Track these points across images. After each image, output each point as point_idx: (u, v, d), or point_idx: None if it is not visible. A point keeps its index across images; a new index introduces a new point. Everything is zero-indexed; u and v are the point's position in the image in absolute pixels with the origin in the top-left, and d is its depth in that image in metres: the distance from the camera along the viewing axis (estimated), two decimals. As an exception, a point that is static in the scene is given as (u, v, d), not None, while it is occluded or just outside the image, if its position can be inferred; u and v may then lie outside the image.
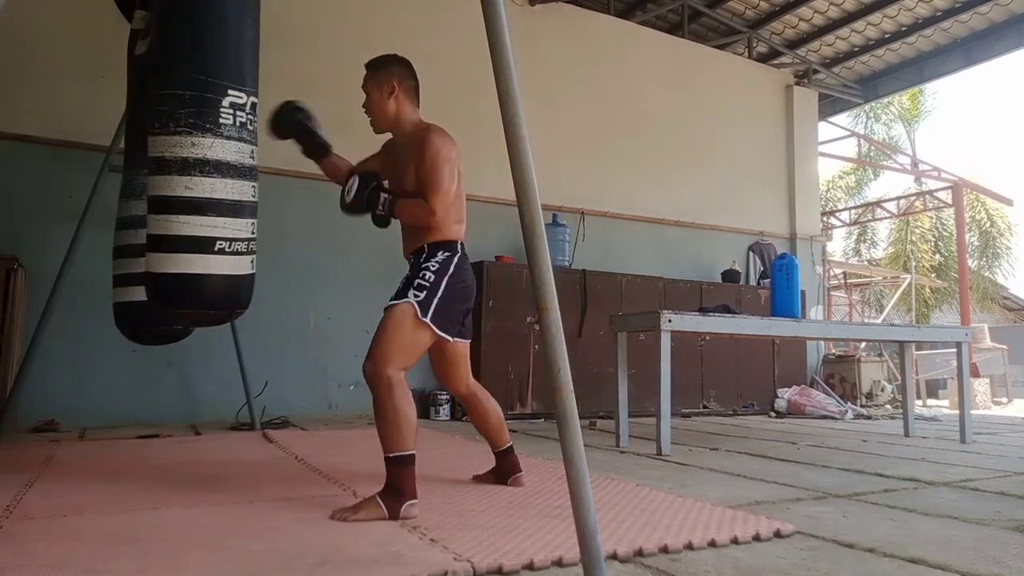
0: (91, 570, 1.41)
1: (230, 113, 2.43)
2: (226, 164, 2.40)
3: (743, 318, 3.70)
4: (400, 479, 1.95)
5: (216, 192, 2.39)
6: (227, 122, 2.42)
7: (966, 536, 1.82)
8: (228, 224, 2.40)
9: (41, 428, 3.93)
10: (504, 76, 1.34)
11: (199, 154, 2.38)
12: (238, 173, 2.43)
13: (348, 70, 5.39)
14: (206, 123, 2.39)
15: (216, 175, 2.39)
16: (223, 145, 2.40)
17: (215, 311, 2.49)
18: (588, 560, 1.26)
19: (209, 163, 2.38)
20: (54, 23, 4.44)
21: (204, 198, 2.38)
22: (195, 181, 2.38)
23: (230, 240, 2.40)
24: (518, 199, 1.34)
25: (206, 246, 2.37)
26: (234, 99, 2.45)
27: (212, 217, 2.37)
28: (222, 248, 2.38)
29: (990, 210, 15.84)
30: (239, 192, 2.44)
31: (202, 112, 2.39)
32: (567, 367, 1.31)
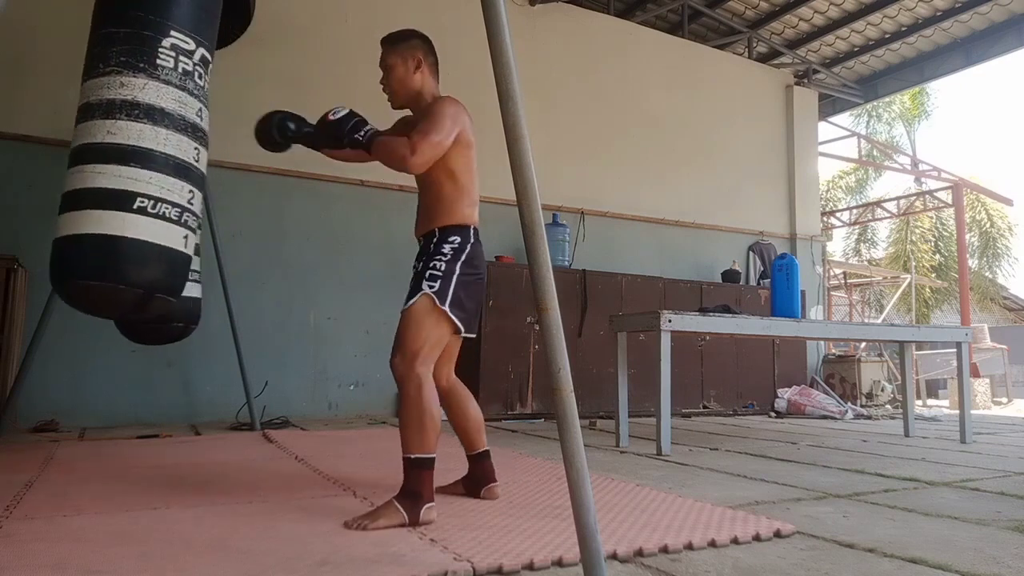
0: (91, 570, 1.41)
1: (170, 56, 2.06)
2: (160, 111, 2.01)
3: (743, 318, 3.70)
4: (420, 483, 1.89)
5: (144, 140, 1.98)
6: (166, 64, 2.05)
7: (966, 536, 1.82)
8: (155, 180, 1.97)
9: (41, 428, 3.93)
10: (504, 76, 1.34)
11: (127, 95, 2.00)
12: (176, 125, 2.05)
13: (348, 70, 5.43)
14: (139, 62, 2.02)
15: (146, 120, 2.00)
16: (158, 89, 2.02)
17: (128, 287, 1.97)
18: (588, 560, 1.26)
19: (139, 106, 2.00)
20: (54, 23, 4.44)
21: (128, 145, 1.97)
22: (119, 125, 1.99)
23: (155, 200, 1.96)
24: (518, 199, 1.34)
25: (123, 201, 1.94)
26: (178, 42, 2.08)
27: (134, 168, 1.96)
28: (143, 207, 1.94)
29: (990, 210, 15.86)
30: (175, 147, 2.04)
31: (137, 51, 2.03)
32: (567, 367, 1.31)
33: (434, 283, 2.03)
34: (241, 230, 4.78)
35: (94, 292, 2.01)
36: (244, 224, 4.82)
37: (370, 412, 5.11)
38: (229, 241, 4.43)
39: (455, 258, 2.09)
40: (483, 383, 5.02)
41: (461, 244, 2.12)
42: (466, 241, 2.14)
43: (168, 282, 2.05)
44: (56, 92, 4.38)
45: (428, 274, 2.06)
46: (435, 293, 2.01)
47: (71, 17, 4.47)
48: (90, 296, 2.05)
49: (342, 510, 2.00)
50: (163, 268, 2.02)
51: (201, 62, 2.17)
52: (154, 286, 2.02)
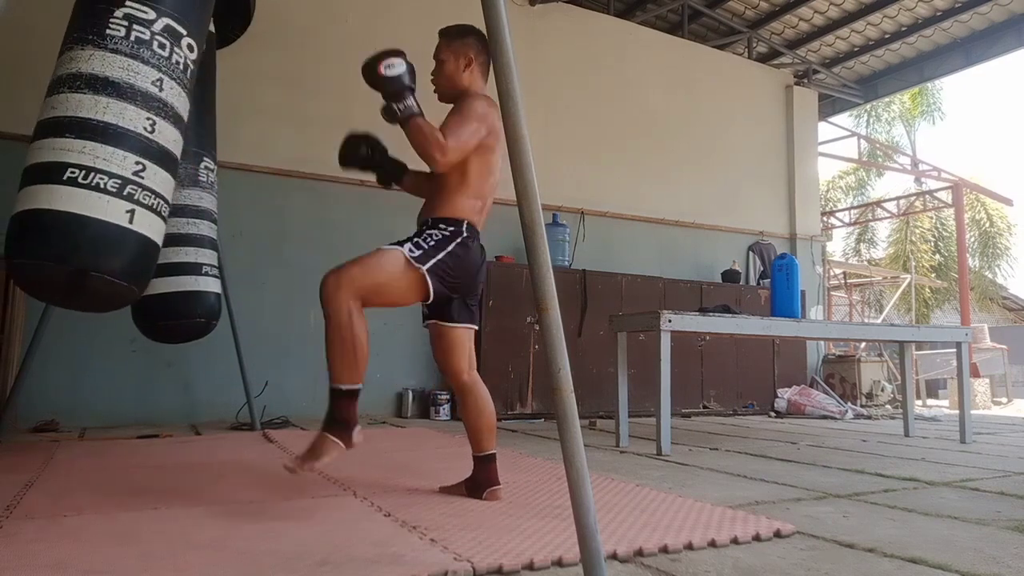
0: (91, 570, 1.41)
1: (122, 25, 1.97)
2: (103, 79, 1.91)
3: (743, 318, 3.70)
4: (348, 412, 1.94)
5: (82, 110, 1.87)
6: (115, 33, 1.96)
7: (966, 536, 1.82)
8: (89, 149, 1.85)
9: (41, 428, 3.93)
10: (504, 76, 1.34)
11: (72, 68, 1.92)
12: (121, 93, 1.93)
13: (348, 70, 5.41)
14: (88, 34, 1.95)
15: (87, 91, 1.89)
16: (103, 58, 1.93)
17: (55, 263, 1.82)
18: (588, 560, 1.26)
19: (81, 77, 1.90)
20: (55, 23, 4.42)
21: (65, 116, 1.88)
22: (60, 99, 1.90)
23: (87, 169, 1.83)
24: (518, 199, 1.34)
25: (53, 173, 1.83)
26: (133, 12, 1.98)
27: (67, 139, 1.85)
28: (73, 177, 1.82)
29: (990, 210, 15.86)
30: (117, 115, 1.91)
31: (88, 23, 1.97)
32: (567, 367, 1.31)
33: (416, 250, 2.01)
34: (241, 230, 4.78)
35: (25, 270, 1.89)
36: (244, 224, 4.82)
37: (370, 412, 5.10)
38: (229, 241, 4.43)
39: (444, 243, 2.05)
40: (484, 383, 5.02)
41: (452, 234, 2.08)
42: (458, 233, 2.09)
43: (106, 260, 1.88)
44: (56, 92, 4.39)
45: (415, 241, 2.04)
46: (414, 258, 1.99)
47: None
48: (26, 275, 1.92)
49: (342, 510, 2.00)
50: (97, 243, 1.85)
51: (166, 32, 2.03)
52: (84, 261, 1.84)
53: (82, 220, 1.81)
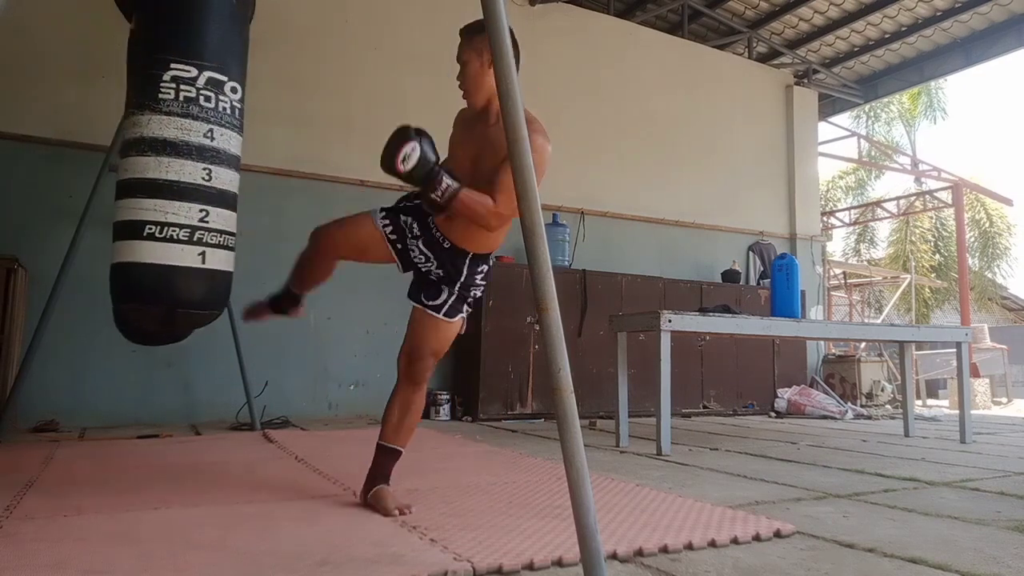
0: (91, 570, 1.41)
1: (171, 88, 2.23)
2: (162, 141, 2.21)
3: (743, 318, 3.70)
4: (389, 467, 2.11)
5: (148, 172, 2.19)
6: (167, 96, 2.23)
7: (966, 536, 1.82)
8: (160, 207, 2.18)
9: (41, 428, 3.93)
10: (504, 76, 1.34)
11: (136, 133, 2.23)
12: (178, 151, 2.23)
13: (348, 70, 5.43)
14: (146, 100, 2.24)
15: (150, 153, 2.20)
16: (160, 121, 2.22)
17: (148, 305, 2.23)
18: (588, 560, 1.26)
19: (144, 141, 2.21)
20: (54, 23, 4.44)
21: (135, 178, 2.21)
22: (131, 162, 2.23)
23: (161, 224, 2.18)
24: (518, 199, 1.34)
25: (135, 230, 2.19)
26: (179, 73, 2.25)
27: (140, 199, 2.19)
28: (152, 233, 2.17)
29: (990, 210, 15.85)
30: (178, 172, 2.22)
31: (144, 90, 2.25)
32: (567, 367, 1.31)
33: (471, 309, 2.19)
34: (241, 230, 4.75)
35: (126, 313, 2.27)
36: (244, 224, 4.76)
37: (370, 412, 5.10)
38: (229, 241, 4.43)
39: (482, 285, 2.20)
40: (483, 383, 5.02)
41: (486, 275, 2.22)
42: (490, 271, 2.24)
43: (188, 297, 2.24)
44: (56, 92, 4.39)
45: (469, 300, 2.17)
46: (464, 320, 2.17)
47: (71, 18, 4.47)
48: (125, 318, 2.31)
49: (342, 510, 2.00)
50: (179, 285, 2.21)
51: (209, 84, 2.31)
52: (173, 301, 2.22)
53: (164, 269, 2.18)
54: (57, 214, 4.22)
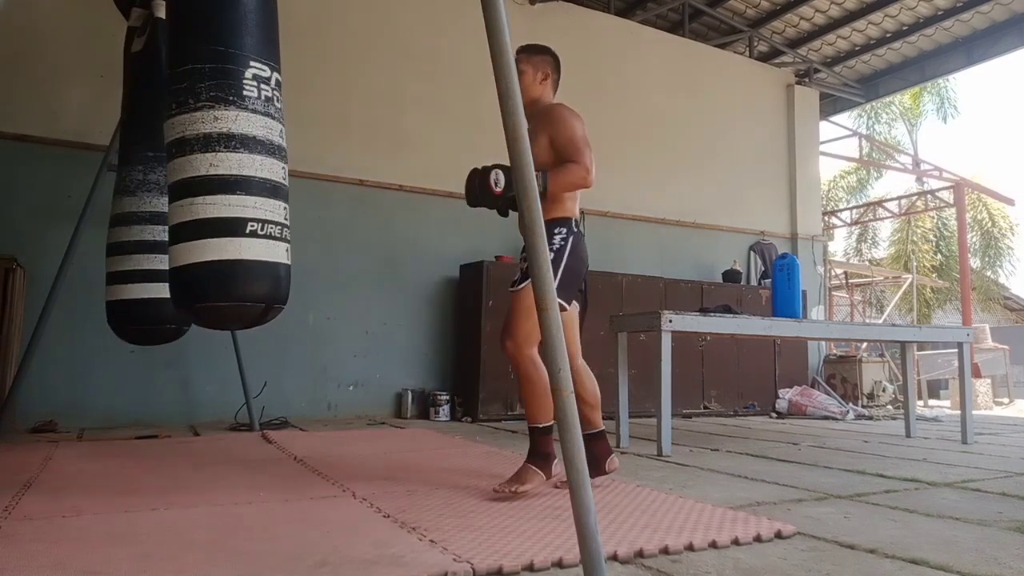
0: (91, 570, 1.41)
1: (254, 85, 2.25)
2: (252, 139, 2.21)
3: (744, 318, 3.69)
4: (547, 445, 2.24)
5: (244, 168, 2.18)
6: (251, 95, 2.23)
7: (967, 537, 1.81)
8: (259, 204, 2.20)
9: (40, 428, 3.93)
10: (504, 76, 1.33)
11: (223, 128, 2.18)
12: (266, 150, 2.25)
13: (348, 70, 5.43)
14: (229, 95, 2.20)
15: (243, 150, 2.19)
16: (248, 119, 2.21)
17: (252, 303, 2.23)
18: (588, 561, 1.25)
19: (235, 137, 2.18)
20: (54, 23, 4.44)
21: (231, 175, 2.17)
22: (220, 157, 2.17)
23: (262, 222, 2.19)
24: (518, 199, 1.33)
25: (237, 228, 2.15)
26: (257, 71, 2.27)
27: (241, 196, 2.17)
28: (254, 230, 2.17)
29: (992, 210, 15.84)
30: (269, 171, 2.25)
31: (224, 84, 2.20)
32: (567, 367, 1.30)
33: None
34: (241, 230, 4.77)
35: (224, 311, 2.25)
36: (244, 224, 4.81)
37: (369, 412, 5.10)
38: (229, 241, 4.43)
39: (561, 251, 2.34)
40: (483, 383, 5.02)
41: (566, 237, 2.38)
42: (570, 232, 2.39)
43: (282, 292, 2.28)
44: (55, 92, 4.38)
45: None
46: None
47: (71, 18, 4.47)
48: (221, 315, 2.29)
49: (342, 510, 1.99)
50: (277, 281, 2.25)
51: (277, 85, 2.36)
52: (272, 298, 2.26)
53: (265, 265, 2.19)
54: (57, 214, 4.21)
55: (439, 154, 5.52)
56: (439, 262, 5.45)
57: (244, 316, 2.28)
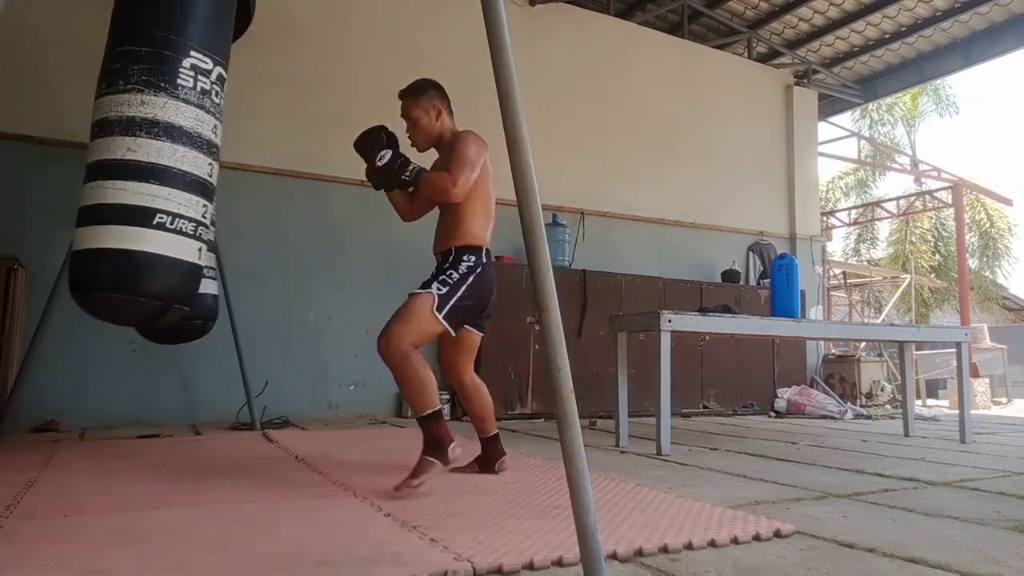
0: (91, 570, 1.41)
1: (190, 75, 2.15)
2: (179, 129, 2.11)
3: (743, 318, 3.70)
4: (438, 430, 2.26)
5: (163, 158, 2.08)
6: (186, 84, 2.14)
7: (966, 536, 1.82)
8: (173, 196, 2.09)
9: (41, 428, 3.93)
10: (504, 76, 1.33)
11: (148, 113, 2.08)
12: (193, 143, 2.15)
13: (348, 70, 5.43)
14: (160, 81, 2.10)
15: (165, 139, 2.09)
16: (177, 108, 2.12)
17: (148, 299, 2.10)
18: (588, 560, 1.26)
19: (159, 124, 2.08)
20: (54, 23, 4.44)
21: (147, 163, 2.07)
22: (139, 143, 2.07)
23: (173, 215, 2.08)
24: (518, 199, 1.34)
25: (144, 217, 2.05)
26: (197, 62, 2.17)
27: (154, 185, 2.06)
28: (162, 222, 2.06)
29: (990, 210, 15.86)
30: (192, 164, 2.14)
31: (158, 69, 2.10)
32: (567, 367, 1.30)
33: (443, 288, 2.31)
34: (241, 230, 4.78)
35: (115, 303, 2.13)
36: (244, 224, 4.82)
37: (370, 412, 5.10)
38: (229, 241, 4.43)
39: (467, 276, 2.36)
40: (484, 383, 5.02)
41: (475, 263, 2.39)
42: (479, 262, 2.41)
43: (184, 292, 2.18)
44: (56, 92, 4.38)
45: (441, 278, 2.34)
46: (440, 296, 2.29)
47: (71, 18, 4.47)
48: (112, 307, 2.17)
49: (342, 510, 2.00)
50: (180, 280, 2.14)
51: (218, 80, 2.26)
52: (172, 297, 2.15)
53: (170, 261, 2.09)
54: (57, 214, 4.21)
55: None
56: (439, 262, 5.46)
57: (138, 311, 2.15)
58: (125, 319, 2.30)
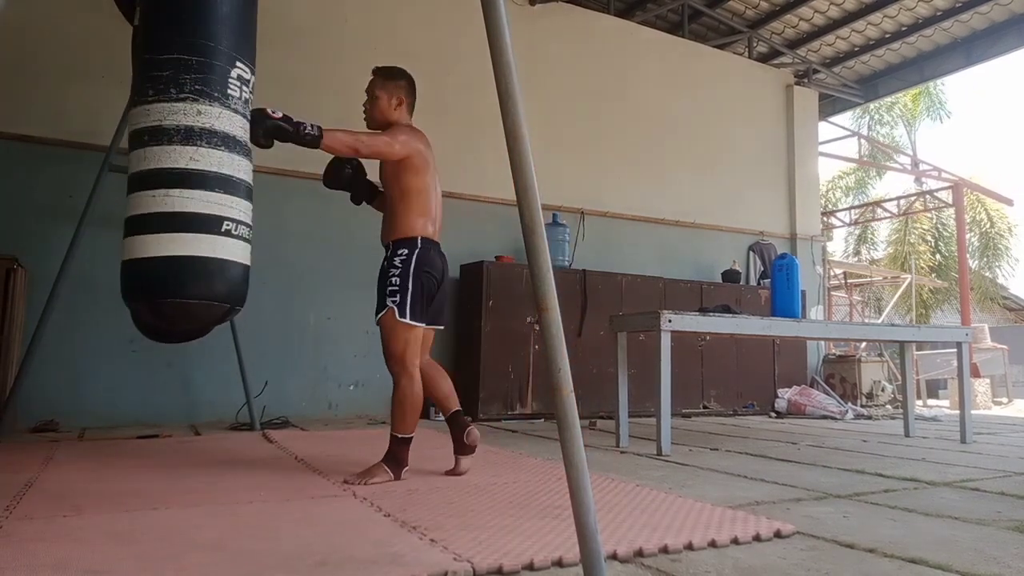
0: (91, 570, 1.41)
1: (237, 85, 2.25)
2: (233, 139, 2.22)
3: (743, 318, 3.70)
4: (403, 453, 2.47)
5: (224, 167, 2.18)
6: (234, 94, 2.23)
7: (966, 536, 1.82)
8: (236, 204, 2.21)
9: (41, 428, 3.93)
10: (504, 76, 1.33)
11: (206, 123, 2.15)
12: (243, 151, 2.26)
13: (348, 70, 5.42)
14: (214, 91, 2.18)
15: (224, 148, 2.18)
16: (231, 118, 2.21)
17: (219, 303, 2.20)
18: (588, 560, 1.26)
19: (217, 135, 2.17)
20: (54, 23, 4.44)
21: (212, 172, 2.15)
22: (201, 152, 2.14)
23: (236, 222, 2.20)
24: (518, 199, 1.34)
25: (213, 225, 2.14)
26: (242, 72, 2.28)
27: (220, 194, 2.16)
28: (228, 229, 2.17)
29: (990, 210, 15.86)
30: (246, 172, 2.27)
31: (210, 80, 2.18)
32: (567, 367, 1.30)
33: (394, 297, 2.45)
34: (241, 230, 4.77)
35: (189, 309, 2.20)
36: (244, 224, 4.81)
37: (370, 412, 5.10)
38: (229, 241, 4.43)
39: (406, 267, 2.47)
40: (483, 383, 5.02)
41: (409, 254, 2.50)
42: (413, 250, 2.50)
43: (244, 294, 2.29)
44: (56, 92, 4.38)
45: (388, 290, 2.47)
46: (396, 306, 2.44)
47: (71, 18, 4.47)
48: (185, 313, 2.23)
49: (342, 510, 2.00)
50: (242, 283, 2.26)
51: (252, 89, 2.38)
52: (237, 299, 2.26)
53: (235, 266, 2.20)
54: (57, 214, 4.22)
55: (439, 154, 5.49)
56: (439, 262, 5.45)
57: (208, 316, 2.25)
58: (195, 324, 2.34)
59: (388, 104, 2.67)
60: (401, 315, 2.43)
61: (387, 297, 2.46)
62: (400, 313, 2.43)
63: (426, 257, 2.52)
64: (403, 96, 2.70)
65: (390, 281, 2.47)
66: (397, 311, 2.43)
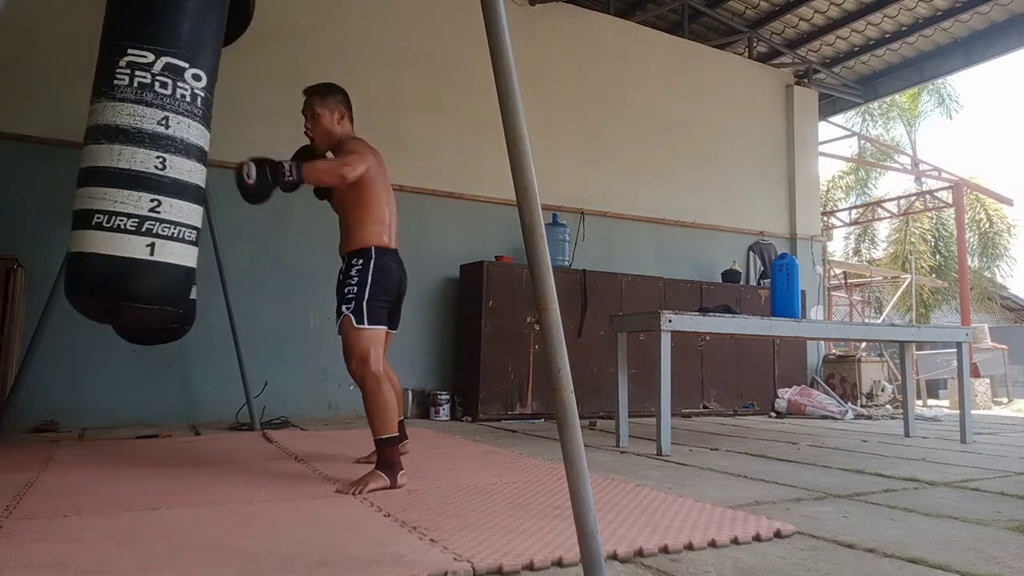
0: (91, 570, 1.41)
1: (126, 73, 2.20)
2: (114, 128, 2.18)
3: (743, 318, 3.70)
4: (392, 455, 2.40)
5: (100, 160, 2.18)
6: (121, 83, 2.20)
7: (966, 536, 1.82)
8: (108, 195, 2.16)
9: (41, 428, 3.93)
10: (504, 76, 1.33)
11: (92, 121, 2.22)
12: (130, 139, 2.19)
13: (348, 70, 5.43)
14: (102, 86, 2.22)
15: (104, 141, 2.19)
16: (113, 108, 2.19)
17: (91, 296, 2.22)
18: (588, 560, 1.26)
19: (99, 129, 2.19)
20: (54, 23, 4.44)
21: (89, 167, 2.20)
22: (86, 151, 2.23)
23: (109, 214, 2.15)
24: (518, 199, 1.34)
25: (85, 220, 2.18)
26: (134, 58, 2.20)
27: (92, 187, 2.18)
28: (99, 222, 2.16)
29: (990, 210, 15.86)
30: (129, 160, 2.18)
31: (101, 76, 2.22)
32: (567, 367, 1.30)
33: (350, 304, 2.49)
34: (241, 230, 4.78)
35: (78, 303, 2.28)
36: (244, 224, 4.81)
37: (370, 412, 5.10)
38: (229, 241, 4.43)
39: (362, 277, 2.51)
40: (483, 383, 5.02)
41: (364, 264, 2.53)
42: (368, 260, 2.53)
43: (133, 289, 2.20)
44: (56, 92, 4.38)
45: (345, 297, 2.51)
46: (352, 313, 2.47)
47: (71, 18, 4.47)
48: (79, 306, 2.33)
49: (342, 510, 2.00)
50: (124, 276, 2.17)
51: (166, 70, 2.25)
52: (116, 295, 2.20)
53: (108, 259, 2.14)
54: (57, 214, 4.21)
55: (439, 155, 5.52)
56: (439, 262, 5.46)
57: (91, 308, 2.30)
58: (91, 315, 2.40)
59: (331, 120, 2.67)
60: (359, 322, 2.45)
61: (343, 305, 2.50)
62: (358, 320, 2.45)
63: (381, 264, 2.55)
64: (343, 109, 2.70)
65: (346, 290, 2.51)
66: (354, 319, 2.46)
